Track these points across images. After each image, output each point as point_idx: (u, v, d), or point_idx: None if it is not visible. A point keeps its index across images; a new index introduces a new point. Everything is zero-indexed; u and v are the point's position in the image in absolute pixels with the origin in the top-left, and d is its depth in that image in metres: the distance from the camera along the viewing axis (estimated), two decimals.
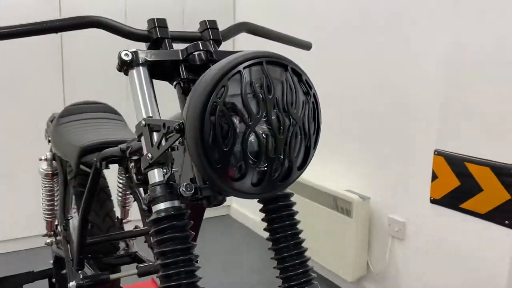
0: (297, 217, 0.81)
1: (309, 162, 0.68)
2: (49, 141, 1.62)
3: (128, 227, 1.66)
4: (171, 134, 0.67)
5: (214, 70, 0.60)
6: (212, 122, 0.59)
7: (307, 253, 0.80)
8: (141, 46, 0.83)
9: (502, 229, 1.53)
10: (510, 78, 1.46)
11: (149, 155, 0.71)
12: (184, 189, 0.70)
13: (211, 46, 0.81)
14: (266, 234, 0.81)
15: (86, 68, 2.79)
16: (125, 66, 0.77)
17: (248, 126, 0.60)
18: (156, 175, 0.73)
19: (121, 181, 1.65)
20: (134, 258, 1.48)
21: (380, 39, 2.09)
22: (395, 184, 2.08)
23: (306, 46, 1.08)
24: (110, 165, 1.23)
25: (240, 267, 2.62)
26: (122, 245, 1.57)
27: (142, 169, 0.74)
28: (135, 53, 0.76)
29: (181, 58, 0.80)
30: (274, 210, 0.80)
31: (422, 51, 1.89)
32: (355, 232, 2.13)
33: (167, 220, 0.70)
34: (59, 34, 2.21)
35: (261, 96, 0.60)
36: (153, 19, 0.82)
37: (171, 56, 0.79)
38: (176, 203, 0.72)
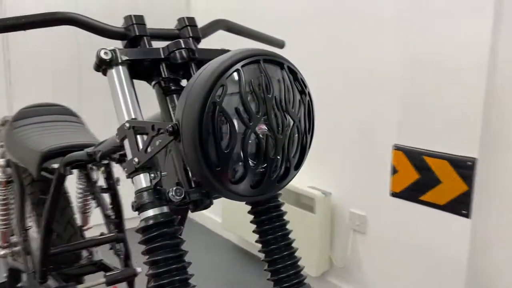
0: None
1: (304, 161, 0.67)
2: (1, 146, 1.51)
3: (89, 234, 1.58)
4: (160, 136, 0.64)
5: (210, 68, 0.58)
6: (211, 123, 0.56)
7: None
8: (95, 44, 0.78)
9: (461, 219, 1.59)
10: (465, 74, 1.52)
11: (136, 159, 0.67)
12: (173, 194, 0.67)
13: (192, 44, 0.77)
14: (227, 235, 0.79)
15: (34, 68, 2.63)
16: (103, 66, 0.72)
17: (248, 127, 0.58)
18: (142, 180, 0.69)
19: (81, 186, 1.57)
20: (100, 266, 1.42)
21: (342, 37, 2.12)
22: (356, 179, 2.12)
23: (279, 44, 1.07)
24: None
25: (201, 269, 2.59)
26: (84, 253, 1.50)
27: (126, 174, 0.70)
28: (114, 52, 0.72)
29: (162, 57, 0.76)
30: (263, 212, 0.78)
31: (383, 49, 1.94)
32: (318, 227, 2.15)
33: (157, 227, 0.67)
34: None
35: (260, 95, 0.58)
36: (130, 16, 0.78)
37: (152, 55, 0.76)
38: (165, 209, 0.68)
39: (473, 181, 1.55)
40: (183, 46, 0.76)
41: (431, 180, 1.69)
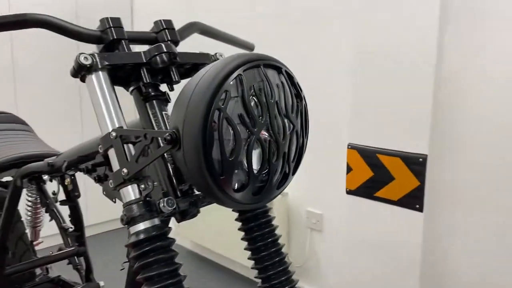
0: (218, 218, 0.79)
1: (300, 165, 0.67)
2: None
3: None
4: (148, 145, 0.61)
5: (212, 73, 0.56)
6: (216, 130, 0.54)
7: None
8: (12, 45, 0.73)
9: (414, 213, 1.65)
10: (413, 73, 1.57)
11: (125, 170, 0.63)
12: (164, 204, 0.64)
13: (174, 47, 0.75)
14: (181, 241, 0.77)
15: None
16: (82, 72, 0.68)
17: (252, 133, 0.56)
18: (131, 192, 0.65)
19: (31, 199, 1.47)
20: (58, 283, 1.33)
21: (295, 36, 2.14)
22: (312, 179, 2.15)
23: (249, 47, 1.06)
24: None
25: None
26: (38, 270, 1.40)
27: (113, 186, 0.66)
28: (94, 57, 0.68)
29: (144, 61, 0.73)
30: (252, 219, 0.77)
31: (333, 48, 1.98)
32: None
33: (150, 241, 0.63)
34: None
35: (263, 100, 0.57)
36: (107, 18, 0.74)
37: (133, 59, 0.72)
38: (156, 221, 0.65)
39: (424, 177, 1.61)
40: (165, 50, 0.72)
41: (385, 177, 1.74)
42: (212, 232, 2.43)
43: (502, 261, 1.54)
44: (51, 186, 1.26)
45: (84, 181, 1.11)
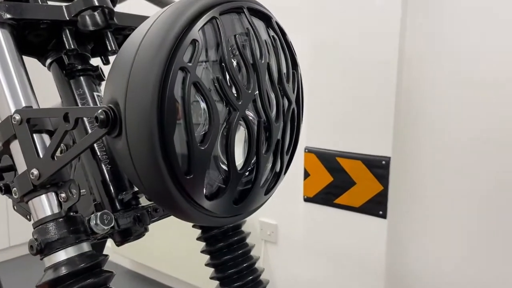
0: (165, 229, 0.58)
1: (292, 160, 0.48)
2: None
3: None
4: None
5: (170, 15, 0.36)
6: (180, 102, 0.34)
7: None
8: None
9: (377, 220, 1.55)
10: (375, 70, 1.47)
11: (34, 171, 0.42)
12: (98, 221, 0.44)
13: (109, 3, 0.54)
14: (118, 259, 0.57)
15: None
16: None
17: (235, 109, 0.37)
18: (45, 205, 0.44)
19: None
20: None
21: None
22: None
23: None
24: None
25: None
26: None
27: (18, 196, 0.44)
28: None
29: (67, 19, 0.51)
30: (220, 237, 0.57)
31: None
32: None
33: (76, 278, 0.42)
34: None
35: (249, 60, 0.38)
36: None
37: (51, 15, 0.50)
38: (85, 247, 0.44)
39: (388, 181, 1.51)
40: (96, 4, 0.51)
41: (345, 182, 1.63)
42: (156, 248, 2.18)
43: (468, 266, 1.47)
44: None
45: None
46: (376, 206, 1.56)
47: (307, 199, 1.73)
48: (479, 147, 1.40)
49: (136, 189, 0.53)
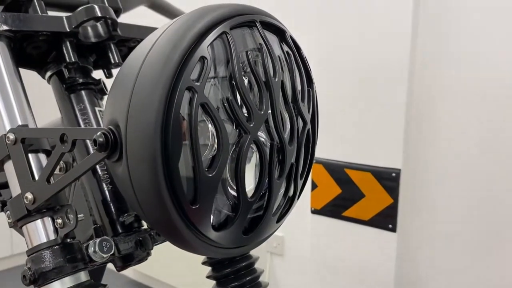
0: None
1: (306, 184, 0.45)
2: None
3: None
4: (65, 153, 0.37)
5: (176, 30, 0.33)
6: (187, 124, 0.31)
7: None
8: None
9: (386, 233, 1.52)
10: (386, 81, 1.45)
11: (29, 196, 0.39)
12: (97, 249, 0.41)
13: (112, 13, 0.51)
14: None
15: None
16: None
17: (246, 131, 0.34)
18: (40, 231, 0.41)
19: None
20: None
21: None
22: None
23: None
24: None
25: None
26: None
27: (12, 220, 0.41)
28: None
29: (67, 30, 0.48)
30: (227, 262, 0.53)
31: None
32: None
33: None
34: None
35: (262, 79, 0.35)
36: None
37: (50, 26, 0.47)
38: (83, 276, 0.41)
39: (398, 193, 1.48)
40: (99, 14, 0.49)
41: (354, 194, 1.60)
42: (160, 258, 2.15)
43: (479, 281, 1.44)
44: None
45: None
46: (385, 219, 1.53)
47: (314, 211, 1.70)
48: (491, 159, 1.38)
49: None
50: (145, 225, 0.51)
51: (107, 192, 0.49)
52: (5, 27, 0.44)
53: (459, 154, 1.44)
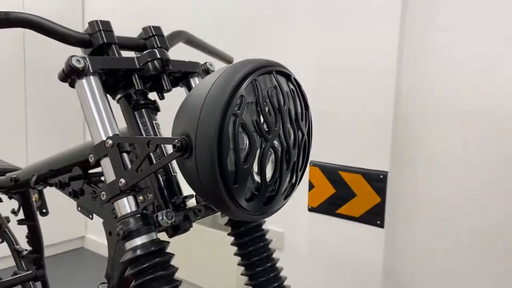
0: (196, 243, 0.77)
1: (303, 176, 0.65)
2: None
3: None
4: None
5: (225, 78, 0.53)
6: (232, 136, 0.51)
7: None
8: None
9: (375, 229, 1.67)
10: (374, 92, 1.61)
11: (122, 180, 0.59)
12: (164, 217, 0.61)
13: (166, 54, 0.72)
14: None
15: None
16: (73, 76, 0.63)
17: (267, 140, 0.54)
18: (126, 205, 0.61)
19: None
20: None
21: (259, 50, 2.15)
22: None
23: (228, 59, 1.04)
24: None
25: None
26: None
27: (105, 198, 0.61)
28: (86, 60, 0.63)
29: (137, 67, 0.69)
30: (246, 233, 0.74)
31: (295, 67, 2.00)
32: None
33: (148, 257, 0.59)
34: None
35: (276, 107, 0.56)
36: (96, 21, 0.69)
37: (126, 64, 0.68)
38: (154, 235, 0.61)
39: (385, 193, 1.64)
40: (158, 56, 0.69)
41: (347, 193, 1.75)
42: (188, 260, 2.33)
43: (462, 275, 1.58)
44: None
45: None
46: (374, 216, 1.68)
47: (311, 209, 1.85)
48: (473, 161, 1.52)
49: (184, 194, 0.70)
50: (188, 205, 0.71)
51: (162, 181, 0.70)
52: (99, 67, 0.65)
53: (442, 158, 1.58)
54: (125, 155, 0.62)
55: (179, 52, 0.94)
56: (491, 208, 1.50)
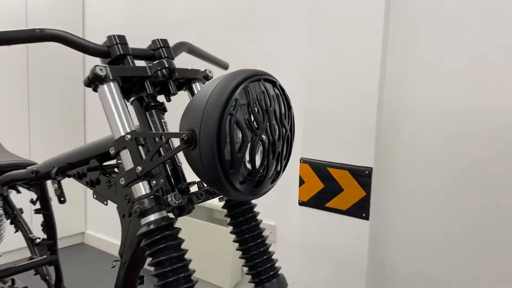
0: (194, 237, 0.90)
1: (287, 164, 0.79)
2: None
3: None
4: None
5: (223, 85, 0.67)
6: (228, 131, 0.65)
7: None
8: None
9: (361, 221, 1.79)
10: (359, 92, 1.73)
11: (139, 168, 0.73)
12: (172, 198, 0.74)
13: (173, 64, 0.85)
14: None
15: None
16: (96, 82, 0.77)
17: (256, 134, 0.68)
18: (142, 188, 0.74)
19: None
20: None
21: (248, 56, 2.28)
22: None
23: (224, 65, 1.18)
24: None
25: None
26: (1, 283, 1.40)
27: (124, 183, 0.75)
28: (107, 69, 0.77)
29: (149, 74, 0.82)
30: (240, 214, 0.88)
31: (285, 66, 2.13)
32: (230, 240, 2.23)
33: (160, 230, 0.72)
34: None
35: (264, 108, 0.69)
36: (114, 35, 0.83)
37: (140, 72, 0.82)
38: (164, 213, 0.75)
39: (370, 188, 1.76)
40: (166, 65, 0.83)
41: (335, 188, 1.86)
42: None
43: (440, 263, 1.69)
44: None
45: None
46: (360, 210, 1.79)
47: (302, 203, 1.96)
48: (446, 157, 1.65)
49: (188, 181, 0.84)
50: (192, 190, 0.85)
51: (169, 170, 0.83)
52: (117, 74, 0.78)
53: (423, 154, 1.70)
54: (140, 147, 0.75)
55: (180, 56, 1.07)
56: (464, 201, 1.62)
